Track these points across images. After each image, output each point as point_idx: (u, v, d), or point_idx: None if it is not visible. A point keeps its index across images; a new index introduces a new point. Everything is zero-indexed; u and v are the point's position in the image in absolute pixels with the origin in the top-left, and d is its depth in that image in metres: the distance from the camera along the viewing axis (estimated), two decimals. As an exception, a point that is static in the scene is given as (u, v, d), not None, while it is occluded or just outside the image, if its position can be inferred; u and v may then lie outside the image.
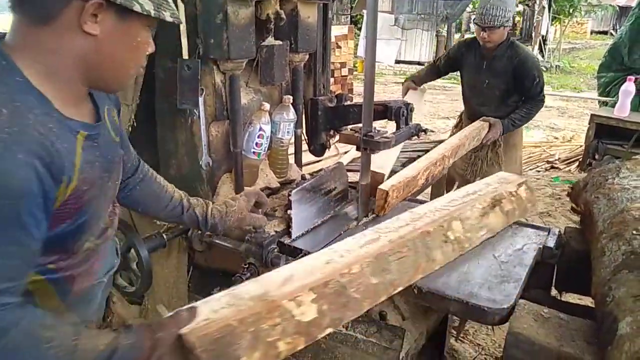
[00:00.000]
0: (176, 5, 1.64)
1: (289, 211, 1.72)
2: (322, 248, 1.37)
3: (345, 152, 3.08)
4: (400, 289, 1.28)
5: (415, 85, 3.23)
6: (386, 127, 1.93)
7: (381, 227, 1.38)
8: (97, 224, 1.03)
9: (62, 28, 0.86)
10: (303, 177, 2.10)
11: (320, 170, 1.90)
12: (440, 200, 1.62)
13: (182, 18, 1.68)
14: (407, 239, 1.32)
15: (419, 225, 1.39)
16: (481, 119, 2.92)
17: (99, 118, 1.03)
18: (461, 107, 3.45)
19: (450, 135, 3.30)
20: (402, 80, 4.07)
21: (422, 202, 2.08)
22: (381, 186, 1.86)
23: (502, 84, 2.91)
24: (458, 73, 3.25)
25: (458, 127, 3.41)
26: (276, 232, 1.73)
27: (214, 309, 0.96)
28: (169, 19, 0.95)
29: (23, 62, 0.86)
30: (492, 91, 2.96)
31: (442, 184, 3.73)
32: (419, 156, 3.45)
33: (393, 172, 3.11)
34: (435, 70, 3.30)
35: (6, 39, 0.89)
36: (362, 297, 1.17)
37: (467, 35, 20.54)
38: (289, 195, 1.72)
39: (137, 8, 0.88)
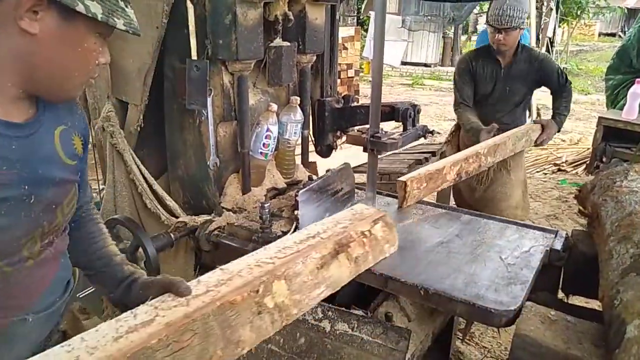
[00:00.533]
0: (185, 6, 1.66)
1: (295, 211, 1.73)
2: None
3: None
4: None
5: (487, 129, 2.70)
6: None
7: (162, 300, 0.94)
8: (7, 246, 0.87)
9: None
10: (310, 178, 2.10)
11: (328, 171, 1.91)
12: (270, 248, 1.18)
13: (191, 19, 1.69)
14: (194, 318, 0.88)
15: (221, 293, 0.96)
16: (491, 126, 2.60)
17: (33, 125, 0.89)
18: None
19: (445, 144, 3.21)
20: (410, 82, 4.02)
21: (429, 203, 2.08)
22: (401, 178, 1.88)
23: (524, 88, 2.82)
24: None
25: (453, 135, 3.18)
26: (283, 232, 1.73)
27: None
28: (121, 27, 0.87)
29: None
30: (513, 97, 2.85)
31: (447, 193, 3.70)
32: (426, 158, 3.47)
33: (400, 173, 3.12)
34: (469, 106, 2.88)
35: None
36: None
37: (474, 38, 20.47)
38: (296, 195, 1.72)
39: (80, 9, 0.80)
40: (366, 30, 13.09)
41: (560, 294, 1.78)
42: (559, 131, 2.84)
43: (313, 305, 1.16)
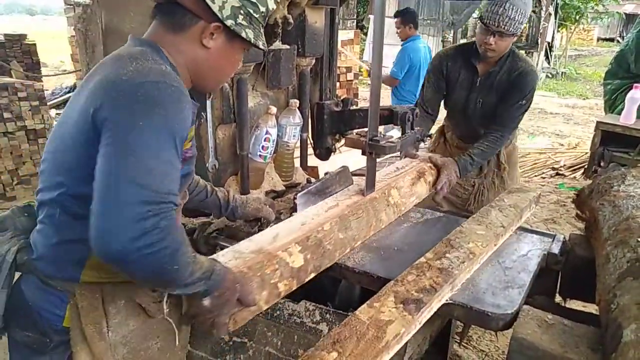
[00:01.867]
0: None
1: (294, 214, 1.73)
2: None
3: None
4: (359, 242, 1.64)
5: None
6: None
7: (337, 196, 1.74)
8: (185, 186, 1.33)
9: (188, 38, 1.14)
10: (308, 181, 2.10)
11: (326, 173, 1.91)
12: (379, 173, 1.91)
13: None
14: (360, 204, 1.66)
15: (367, 195, 1.74)
16: (421, 157, 2.18)
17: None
18: None
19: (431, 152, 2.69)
20: None
21: (427, 206, 2.08)
22: None
23: (496, 104, 2.35)
24: None
25: (438, 143, 2.83)
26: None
27: (224, 262, 1.18)
28: (261, 47, 1.22)
29: (164, 50, 1.14)
30: (485, 113, 2.40)
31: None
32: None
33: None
34: (427, 113, 2.53)
35: (146, 36, 1.16)
36: (334, 248, 1.49)
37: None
38: (295, 198, 1.72)
39: (244, 35, 1.15)
40: (366, 34, 13.12)
41: (558, 298, 1.78)
42: (461, 176, 2.23)
43: (410, 206, 1.96)
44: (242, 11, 1.14)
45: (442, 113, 2.74)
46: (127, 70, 1.01)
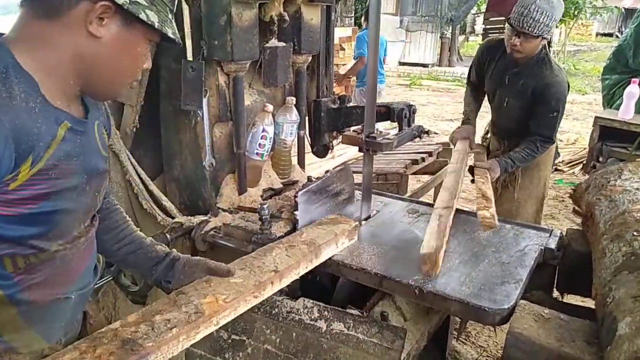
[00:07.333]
0: (180, 7, 1.66)
1: (295, 212, 1.73)
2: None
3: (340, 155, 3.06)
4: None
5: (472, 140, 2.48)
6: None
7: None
8: (68, 227, 0.99)
9: (67, 25, 0.89)
10: (309, 179, 2.11)
11: (327, 172, 1.92)
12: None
13: (187, 20, 1.69)
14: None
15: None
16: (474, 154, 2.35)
17: (87, 121, 1.02)
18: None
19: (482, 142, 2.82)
20: (408, 83, 3.86)
21: (423, 203, 2.09)
22: (424, 251, 1.52)
23: (520, 109, 2.40)
24: (463, 75, 2.88)
25: (485, 139, 2.86)
26: (286, 232, 1.73)
27: None
28: (170, 35, 0.99)
29: (19, 51, 0.88)
30: (509, 113, 2.47)
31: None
32: (422, 158, 3.47)
33: (396, 174, 3.12)
34: (474, 89, 2.69)
35: (8, 32, 0.92)
36: None
37: (472, 38, 20.50)
38: (296, 196, 1.72)
39: (143, 17, 0.92)
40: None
41: (556, 293, 1.79)
42: (501, 176, 2.35)
43: None
44: None
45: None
46: None
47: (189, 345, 1.09)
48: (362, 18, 6.47)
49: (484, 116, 2.84)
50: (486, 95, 2.66)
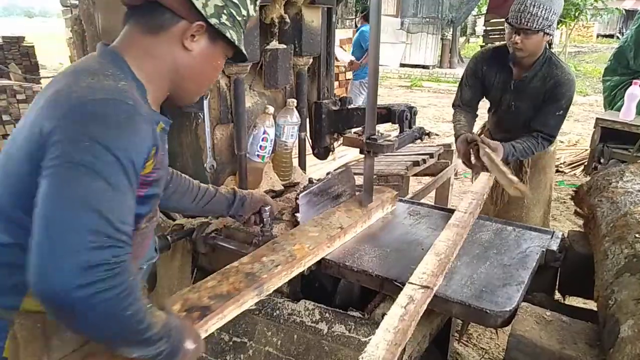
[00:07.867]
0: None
1: (296, 214, 1.73)
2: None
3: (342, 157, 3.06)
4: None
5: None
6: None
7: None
8: (155, 208, 1.18)
9: (167, 41, 1.04)
10: (310, 181, 2.11)
11: (329, 174, 1.92)
12: None
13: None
14: None
15: None
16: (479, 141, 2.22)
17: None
18: None
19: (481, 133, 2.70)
20: (408, 84, 3.84)
21: (425, 204, 2.09)
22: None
23: (530, 111, 2.36)
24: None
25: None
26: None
27: None
28: (244, 51, 1.16)
29: (130, 60, 1.03)
30: (517, 117, 2.42)
31: (446, 195, 3.69)
32: (424, 160, 3.47)
33: (397, 175, 3.12)
34: (468, 110, 2.55)
35: (115, 42, 1.06)
36: None
37: (473, 40, 20.47)
38: (297, 198, 1.72)
39: (228, 35, 1.08)
40: (364, 33, 13.10)
41: (557, 295, 1.78)
42: (504, 159, 2.23)
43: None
44: (225, 11, 1.07)
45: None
46: (78, 87, 0.92)
47: (287, 280, 1.41)
48: (361, 14, 6.64)
49: (482, 117, 2.79)
50: (489, 103, 2.60)
